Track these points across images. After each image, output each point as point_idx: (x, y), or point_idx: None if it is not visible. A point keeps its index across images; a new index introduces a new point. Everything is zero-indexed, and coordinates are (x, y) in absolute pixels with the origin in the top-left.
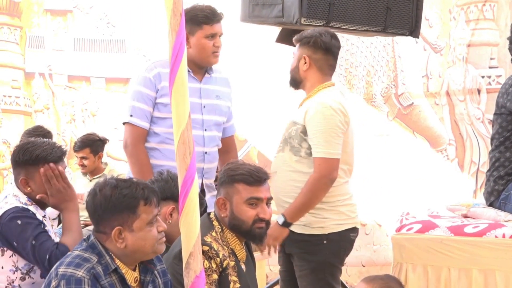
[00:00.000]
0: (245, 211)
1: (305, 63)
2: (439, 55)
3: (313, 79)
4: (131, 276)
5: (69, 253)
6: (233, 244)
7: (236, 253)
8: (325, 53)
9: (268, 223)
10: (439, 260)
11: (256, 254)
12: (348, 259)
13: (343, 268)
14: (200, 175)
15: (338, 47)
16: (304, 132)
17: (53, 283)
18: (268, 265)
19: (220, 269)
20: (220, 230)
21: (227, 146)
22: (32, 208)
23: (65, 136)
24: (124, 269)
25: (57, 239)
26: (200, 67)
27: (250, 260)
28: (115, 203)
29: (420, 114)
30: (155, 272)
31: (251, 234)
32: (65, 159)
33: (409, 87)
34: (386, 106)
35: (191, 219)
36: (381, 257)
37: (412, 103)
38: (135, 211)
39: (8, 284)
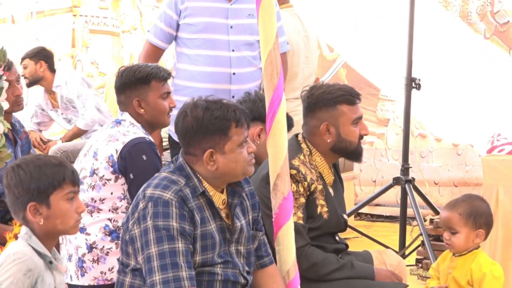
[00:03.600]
0: (352, 132)
1: None
2: None
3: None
4: (218, 198)
5: (156, 174)
6: (321, 168)
7: (324, 177)
8: None
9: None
10: None
11: (344, 175)
12: (441, 180)
13: (436, 188)
14: (229, 97)
15: None
16: None
17: (141, 205)
18: (359, 185)
19: (308, 193)
20: (308, 153)
21: None
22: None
23: None
24: (211, 192)
25: None
26: None
27: (338, 183)
28: (207, 125)
29: None
30: (243, 194)
31: (357, 153)
32: None
33: (505, 5)
34: (482, 23)
35: (279, 140)
36: (473, 177)
37: (508, 21)
38: (227, 133)
39: (112, 209)
